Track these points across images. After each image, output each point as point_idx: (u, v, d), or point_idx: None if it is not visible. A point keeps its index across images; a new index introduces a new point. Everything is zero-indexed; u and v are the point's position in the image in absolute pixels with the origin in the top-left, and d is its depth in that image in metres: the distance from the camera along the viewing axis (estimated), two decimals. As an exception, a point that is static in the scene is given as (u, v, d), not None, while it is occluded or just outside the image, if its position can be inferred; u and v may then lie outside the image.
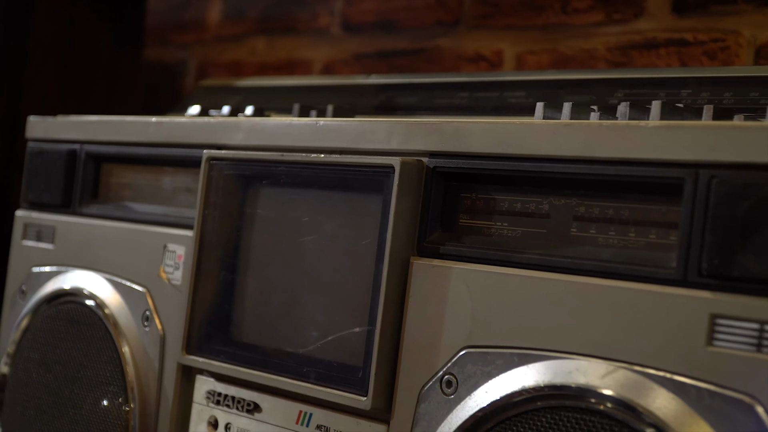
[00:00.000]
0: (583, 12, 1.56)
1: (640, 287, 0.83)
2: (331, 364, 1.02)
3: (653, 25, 1.49)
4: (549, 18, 1.60)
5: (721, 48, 1.42)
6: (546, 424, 0.86)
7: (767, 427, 0.76)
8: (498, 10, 1.66)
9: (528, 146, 0.92)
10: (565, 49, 1.57)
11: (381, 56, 1.80)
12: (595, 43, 1.54)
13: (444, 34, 1.72)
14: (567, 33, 1.57)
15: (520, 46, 1.63)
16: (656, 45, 1.48)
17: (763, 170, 0.78)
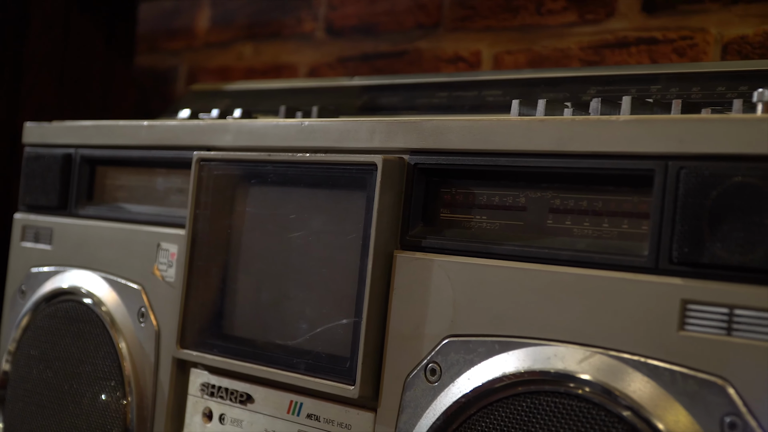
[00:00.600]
0: (557, 13, 1.56)
1: (614, 275, 0.84)
2: (320, 355, 1.02)
3: (624, 24, 1.49)
4: (524, 19, 1.60)
5: (690, 45, 1.42)
6: (526, 408, 0.86)
7: (739, 407, 0.76)
8: (476, 12, 1.66)
9: (504, 142, 0.92)
10: (540, 48, 1.57)
11: (364, 59, 1.80)
12: (569, 42, 1.54)
13: (424, 36, 1.72)
14: (542, 33, 1.57)
15: (497, 46, 1.63)
16: (627, 44, 1.49)
17: (730, 161, 0.78)
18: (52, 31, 1.80)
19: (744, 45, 1.37)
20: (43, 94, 1.78)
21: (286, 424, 1.07)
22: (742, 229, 0.77)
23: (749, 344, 0.76)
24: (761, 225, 0.76)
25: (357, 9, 1.83)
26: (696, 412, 0.78)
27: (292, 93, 1.50)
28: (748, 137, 0.77)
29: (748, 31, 1.36)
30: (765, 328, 0.76)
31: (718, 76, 1.08)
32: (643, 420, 0.80)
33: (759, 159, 0.77)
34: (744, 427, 0.76)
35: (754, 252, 0.76)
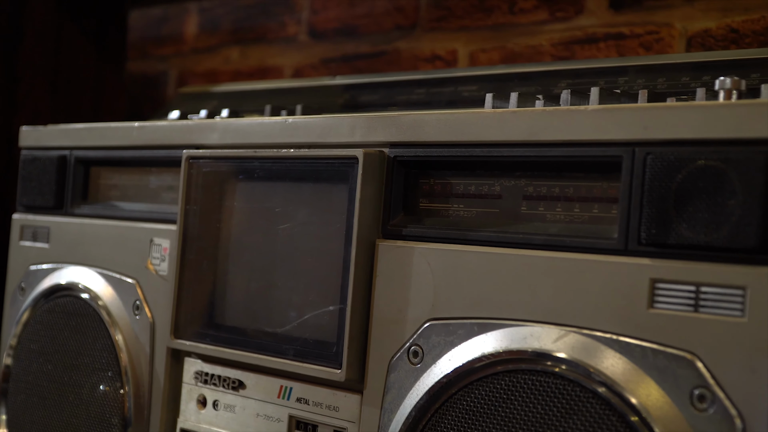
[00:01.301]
0: (528, 11, 1.56)
1: (586, 257, 0.84)
2: (308, 341, 1.02)
3: (593, 21, 1.49)
4: (498, 18, 1.60)
5: (656, 40, 1.43)
6: (505, 386, 0.86)
7: (707, 380, 0.77)
8: (451, 13, 1.66)
9: (479, 133, 0.92)
10: (513, 46, 1.57)
11: (345, 60, 1.80)
12: (541, 39, 1.55)
13: (402, 37, 1.72)
14: (515, 31, 1.58)
15: (472, 45, 1.63)
16: (596, 39, 1.49)
17: (693, 145, 0.78)
18: (44, 40, 1.80)
19: (707, 38, 1.37)
20: (37, 101, 1.78)
21: (277, 408, 1.07)
22: (706, 210, 0.77)
23: (715, 320, 0.77)
24: (724, 206, 0.76)
25: (338, 12, 1.83)
26: (666, 385, 0.79)
27: (277, 93, 1.50)
28: (710, 123, 0.78)
29: (710, 24, 1.37)
30: (730, 303, 0.76)
31: (682, 67, 1.08)
32: (617, 395, 0.80)
33: (721, 143, 0.77)
34: (712, 398, 0.76)
35: (718, 231, 0.76)
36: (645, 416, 0.78)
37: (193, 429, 1.16)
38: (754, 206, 0.75)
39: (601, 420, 0.81)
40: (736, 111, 0.76)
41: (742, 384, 0.75)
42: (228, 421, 1.12)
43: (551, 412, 0.83)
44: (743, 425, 0.75)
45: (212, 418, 1.14)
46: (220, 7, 2.05)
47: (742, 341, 0.75)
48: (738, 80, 0.87)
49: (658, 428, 0.78)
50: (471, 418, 0.88)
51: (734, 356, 0.75)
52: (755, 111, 0.75)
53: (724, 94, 0.87)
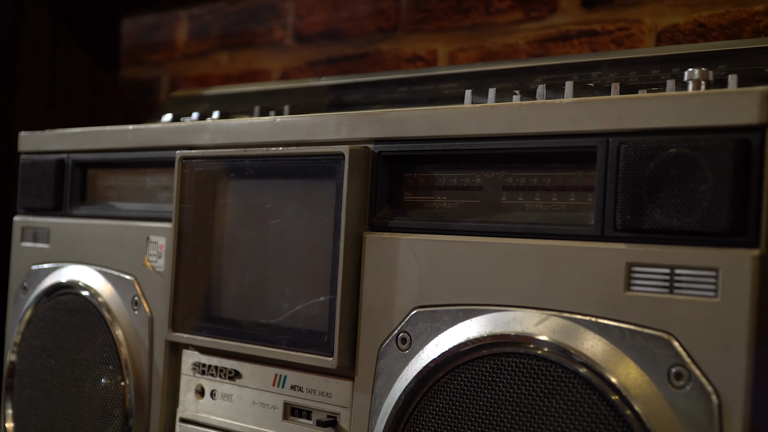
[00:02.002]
0: (504, 12, 1.56)
1: (564, 244, 0.84)
2: (300, 331, 1.02)
3: (566, 19, 1.49)
4: (475, 19, 1.60)
5: (627, 35, 1.43)
6: (490, 369, 0.86)
7: (683, 358, 0.77)
8: (430, 14, 1.66)
9: (459, 128, 0.92)
10: (490, 45, 1.57)
11: (330, 62, 1.80)
12: (516, 38, 1.54)
13: (384, 39, 1.72)
14: (491, 31, 1.57)
15: (451, 45, 1.63)
16: (570, 37, 1.49)
17: (664, 134, 0.78)
18: (41, 49, 1.79)
19: (676, 33, 1.37)
20: (35, 107, 1.77)
21: (272, 396, 1.07)
22: (678, 195, 0.77)
23: (690, 300, 0.77)
24: (695, 191, 0.76)
25: (322, 17, 1.83)
26: (644, 364, 0.79)
27: (266, 95, 1.50)
28: (680, 112, 0.78)
29: (679, 20, 1.37)
30: (704, 285, 0.76)
31: (652, 61, 1.08)
32: (597, 375, 0.80)
33: (691, 131, 0.77)
34: (689, 375, 0.76)
35: (690, 216, 0.76)
36: (625, 394, 0.78)
37: (192, 418, 1.15)
38: (724, 191, 0.75)
39: (583, 399, 0.81)
40: (705, 100, 0.76)
41: (717, 361, 0.75)
42: (225, 409, 1.11)
43: (535, 393, 0.83)
44: (719, 401, 0.75)
45: (210, 407, 1.13)
46: (210, 14, 2.05)
47: (716, 321, 0.75)
48: (706, 71, 0.87)
49: (637, 406, 0.78)
50: (458, 401, 0.88)
51: (709, 335, 0.75)
52: (723, 100, 0.75)
53: (692, 84, 0.87)
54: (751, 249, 0.74)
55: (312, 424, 1.02)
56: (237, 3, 1.99)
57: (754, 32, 1.29)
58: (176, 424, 1.17)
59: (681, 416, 0.76)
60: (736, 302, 0.74)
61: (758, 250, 0.74)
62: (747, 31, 1.30)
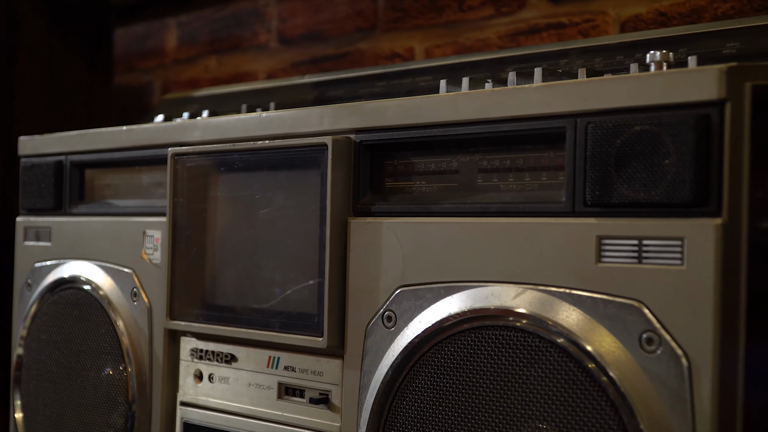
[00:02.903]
0: (476, 8, 1.56)
1: (538, 221, 0.84)
2: (291, 314, 1.01)
3: (535, 13, 1.49)
4: (449, 16, 1.59)
5: (592, 27, 1.43)
6: (472, 342, 0.86)
7: (654, 324, 0.77)
8: (406, 14, 1.65)
9: (435, 115, 0.91)
10: (464, 40, 1.57)
11: (313, 62, 1.79)
12: (489, 33, 1.54)
13: (363, 38, 1.72)
14: (465, 27, 1.57)
15: (427, 42, 1.62)
16: (539, 30, 1.49)
17: (629, 113, 0.78)
18: (38, 58, 1.78)
19: (639, 22, 1.37)
20: (33, 114, 1.76)
21: (267, 377, 1.06)
22: (644, 170, 0.77)
23: (658, 269, 0.77)
24: (660, 165, 0.76)
25: (304, 19, 1.83)
26: (617, 332, 0.78)
27: (252, 94, 1.49)
28: (644, 91, 0.77)
29: (641, 10, 1.37)
30: (670, 254, 0.76)
31: (616, 47, 1.08)
32: (573, 343, 0.80)
33: (654, 109, 0.77)
34: (659, 341, 0.76)
35: (655, 189, 0.76)
36: (599, 361, 0.78)
37: (191, 401, 1.15)
38: (687, 164, 0.75)
39: (560, 367, 0.80)
40: (666, 79, 0.76)
41: (685, 326, 0.75)
42: (223, 391, 1.11)
43: (514, 363, 0.83)
44: (688, 363, 0.75)
45: (209, 390, 1.13)
46: (197, 20, 2.04)
47: (683, 287, 0.75)
48: (666, 53, 0.87)
49: (612, 372, 0.78)
50: (443, 373, 0.88)
51: (677, 301, 0.75)
52: (683, 78, 0.75)
53: (654, 66, 0.87)
54: (714, 218, 0.74)
55: (305, 402, 1.02)
56: (223, 9, 1.98)
57: (713, 19, 1.29)
58: (177, 407, 1.17)
59: (653, 379, 0.76)
60: (702, 269, 0.74)
61: (720, 219, 0.74)
62: (706, 18, 1.30)
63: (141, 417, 1.19)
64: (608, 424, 0.78)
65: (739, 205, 0.75)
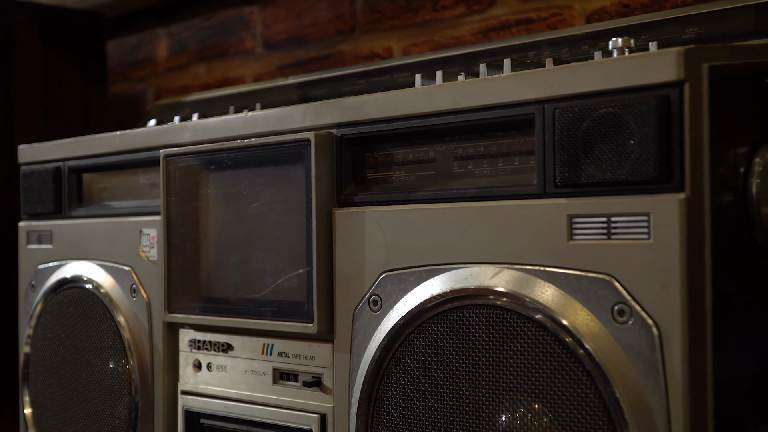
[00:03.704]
0: (449, 7, 1.56)
1: (512, 203, 0.84)
2: (283, 303, 1.01)
3: (505, 10, 1.49)
4: (424, 16, 1.59)
5: (560, 20, 1.43)
6: (454, 321, 0.86)
7: (624, 296, 0.77)
8: (384, 15, 1.65)
9: (411, 107, 0.91)
10: (439, 38, 1.57)
11: (297, 65, 1.79)
12: (462, 30, 1.54)
13: (344, 40, 1.71)
14: (439, 26, 1.57)
15: (404, 41, 1.62)
16: (509, 25, 1.49)
17: (594, 97, 0.78)
18: (34, 70, 1.77)
19: (603, 14, 1.37)
20: (31, 124, 1.75)
21: (262, 364, 1.06)
22: (609, 151, 0.77)
23: (626, 244, 0.77)
24: (625, 145, 0.76)
25: (287, 25, 1.82)
26: (590, 305, 0.79)
27: (240, 96, 1.49)
28: (607, 76, 0.78)
29: (605, 2, 1.37)
30: (637, 229, 0.76)
31: (582, 38, 1.09)
32: (550, 318, 0.80)
33: (617, 92, 0.77)
34: (630, 312, 0.76)
35: (621, 168, 0.76)
36: (575, 334, 0.78)
37: (191, 390, 1.15)
38: (650, 143, 0.75)
39: (538, 341, 0.81)
40: (628, 63, 0.76)
41: (654, 297, 0.75)
42: (221, 379, 1.11)
43: (495, 339, 0.83)
44: (659, 332, 0.75)
45: (207, 378, 1.13)
46: (186, 30, 2.03)
47: (651, 260, 0.75)
48: (628, 39, 0.87)
49: (587, 344, 0.78)
50: (428, 351, 0.88)
51: (646, 274, 0.76)
52: (644, 61, 0.75)
53: (617, 52, 0.87)
54: (677, 193, 0.74)
55: (299, 386, 1.02)
56: (210, 18, 1.98)
57: (674, 7, 1.29)
58: (178, 396, 1.16)
59: (626, 349, 0.76)
60: (668, 242, 0.74)
61: (684, 193, 0.74)
62: (667, 7, 1.30)
63: (144, 407, 1.19)
64: (585, 393, 0.78)
65: (701, 180, 0.75)
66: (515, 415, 0.82)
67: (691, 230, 0.74)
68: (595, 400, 0.77)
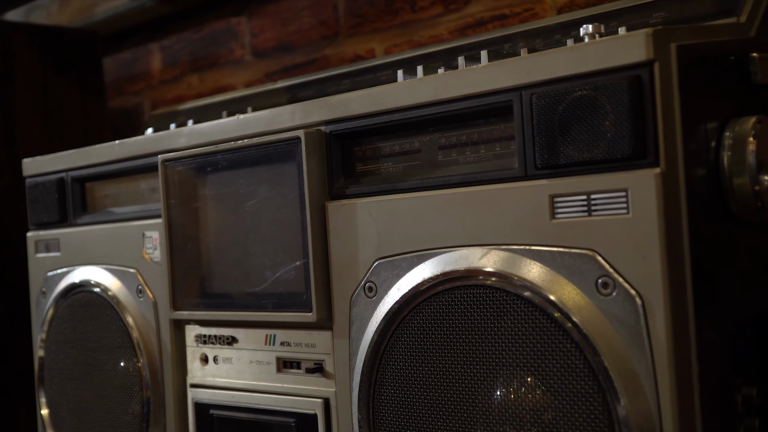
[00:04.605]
0: (427, 8, 1.55)
1: (495, 187, 0.83)
2: (282, 294, 1.01)
3: (480, 8, 1.48)
4: (403, 17, 1.59)
5: (532, 15, 1.42)
6: (446, 302, 0.86)
7: (607, 269, 0.76)
8: (365, 19, 1.64)
9: (395, 101, 0.91)
10: (419, 38, 1.56)
11: (285, 71, 1.78)
12: (440, 29, 1.53)
13: (328, 45, 1.71)
14: (418, 26, 1.56)
15: (385, 42, 1.62)
16: (484, 22, 1.48)
17: (568, 81, 0.78)
18: (33, 87, 1.76)
19: (573, 6, 1.36)
20: (33, 138, 1.74)
21: (265, 354, 1.05)
22: (586, 131, 0.77)
23: (607, 219, 0.76)
24: (600, 125, 0.76)
25: (273, 33, 1.81)
26: (575, 280, 0.78)
27: (232, 102, 1.48)
28: (580, 60, 0.77)
29: (574, -5, 1.37)
30: (616, 204, 0.76)
31: (554, 28, 1.08)
32: (537, 294, 0.79)
33: (590, 75, 0.77)
34: (614, 284, 0.76)
35: (598, 147, 0.76)
36: (562, 307, 0.78)
37: (200, 383, 1.14)
38: (624, 122, 0.74)
39: (527, 317, 0.80)
40: (599, 47, 0.76)
41: (636, 268, 0.75)
42: (227, 371, 1.10)
43: (486, 317, 0.83)
44: (642, 301, 0.75)
45: (214, 371, 1.12)
46: (177, 43, 2.02)
47: (630, 233, 0.75)
48: (598, 25, 0.86)
49: (575, 317, 0.77)
50: (423, 333, 0.87)
51: (626, 246, 0.75)
52: (614, 44, 0.75)
53: (588, 38, 0.86)
54: (653, 168, 0.74)
55: (302, 373, 1.01)
56: (200, 31, 1.97)
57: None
58: (187, 390, 1.16)
59: (612, 320, 0.76)
60: (646, 215, 0.74)
61: (659, 168, 0.74)
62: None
63: (156, 402, 1.18)
64: (575, 364, 0.77)
65: (675, 154, 0.74)
66: (510, 389, 0.81)
67: (667, 203, 0.74)
68: (585, 370, 0.76)
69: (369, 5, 1.63)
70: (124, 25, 2.06)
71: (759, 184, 0.80)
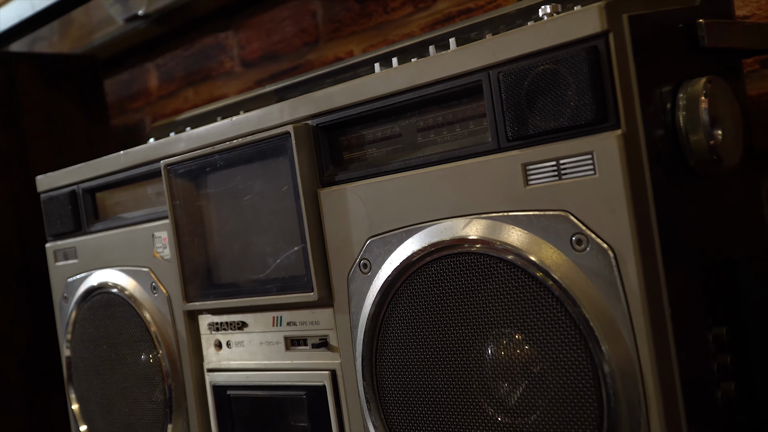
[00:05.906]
0: (398, 9, 1.55)
1: (472, 161, 0.83)
2: (285, 278, 1.01)
3: (447, 4, 1.48)
4: (377, 19, 1.58)
5: (495, 7, 1.42)
6: (436, 271, 0.86)
7: (580, 227, 0.76)
8: (343, 23, 1.64)
9: (373, 90, 0.91)
10: (393, 37, 1.56)
11: (272, 77, 1.78)
12: (412, 27, 1.54)
13: (310, 51, 1.70)
14: (391, 26, 1.56)
15: (363, 43, 1.61)
16: (452, 17, 1.48)
17: (531, 57, 0.78)
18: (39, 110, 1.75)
19: (532, -4, 1.36)
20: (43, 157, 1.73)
21: (274, 335, 1.06)
22: (551, 102, 0.77)
23: (576, 181, 0.76)
24: (564, 95, 0.76)
25: (260, 44, 1.81)
26: (551, 239, 0.78)
27: (225, 109, 1.48)
28: (540, 37, 0.77)
29: (533, -15, 1.36)
30: (584, 166, 0.76)
31: (515, 14, 1.08)
32: (519, 256, 0.80)
33: (550, 50, 0.77)
34: (587, 240, 0.76)
35: (563, 116, 0.76)
36: (542, 266, 0.78)
37: (216, 367, 1.14)
38: (585, 90, 0.75)
39: (511, 278, 0.80)
40: (557, 23, 0.76)
41: (606, 224, 0.75)
42: (240, 353, 1.10)
43: (474, 281, 0.83)
44: (614, 254, 0.75)
45: (228, 354, 1.12)
46: (171, 60, 2.02)
47: (599, 192, 0.75)
48: (555, 5, 0.86)
49: (555, 274, 0.78)
50: (416, 301, 0.87)
51: (596, 204, 0.75)
52: (570, 19, 0.75)
53: (546, 17, 0.86)
54: (615, 131, 0.74)
55: (309, 348, 1.02)
56: (191, 47, 1.96)
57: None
58: (205, 374, 1.15)
59: (588, 273, 0.76)
60: (612, 174, 0.74)
61: (620, 130, 0.74)
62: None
63: (177, 389, 1.18)
64: (557, 317, 0.77)
65: (634, 116, 0.75)
66: (500, 346, 0.82)
67: (630, 161, 0.74)
68: (567, 322, 0.77)
69: (345, 11, 1.63)
70: (121, 48, 2.06)
71: (713, 138, 0.80)
